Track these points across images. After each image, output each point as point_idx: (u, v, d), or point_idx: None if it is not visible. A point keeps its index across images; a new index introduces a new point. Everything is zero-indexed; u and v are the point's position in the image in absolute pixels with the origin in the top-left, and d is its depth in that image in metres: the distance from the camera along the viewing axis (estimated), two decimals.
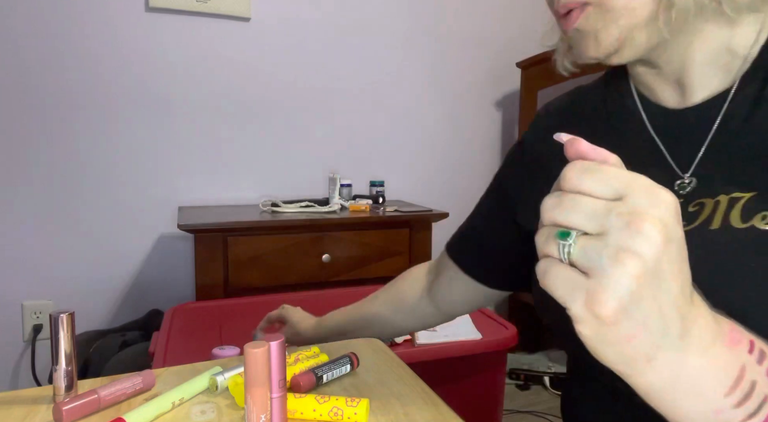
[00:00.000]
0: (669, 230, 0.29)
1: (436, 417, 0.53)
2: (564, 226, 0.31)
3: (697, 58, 0.49)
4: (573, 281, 0.30)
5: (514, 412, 1.89)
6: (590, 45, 0.48)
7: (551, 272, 0.31)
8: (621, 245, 0.28)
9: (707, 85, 0.50)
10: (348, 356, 0.63)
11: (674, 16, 0.45)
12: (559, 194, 0.31)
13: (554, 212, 0.31)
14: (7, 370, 1.84)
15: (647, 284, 0.28)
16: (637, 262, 0.28)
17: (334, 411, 0.52)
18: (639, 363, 0.30)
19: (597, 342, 0.30)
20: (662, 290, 0.29)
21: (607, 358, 0.31)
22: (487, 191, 0.75)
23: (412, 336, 1.28)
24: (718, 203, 0.47)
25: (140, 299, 1.94)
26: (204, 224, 1.60)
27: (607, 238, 0.29)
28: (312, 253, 1.73)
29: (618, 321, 0.29)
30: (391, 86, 2.25)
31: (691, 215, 0.48)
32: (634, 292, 0.28)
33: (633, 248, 0.28)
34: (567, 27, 0.49)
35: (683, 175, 0.51)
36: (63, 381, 0.54)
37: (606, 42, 0.47)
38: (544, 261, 0.31)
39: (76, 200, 1.86)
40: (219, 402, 0.56)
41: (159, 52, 1.91)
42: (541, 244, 0.32)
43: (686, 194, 0.50)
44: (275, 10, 2.03)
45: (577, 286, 0.30)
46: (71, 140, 1.83)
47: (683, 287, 0.30)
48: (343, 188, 1.97)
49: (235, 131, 2.03)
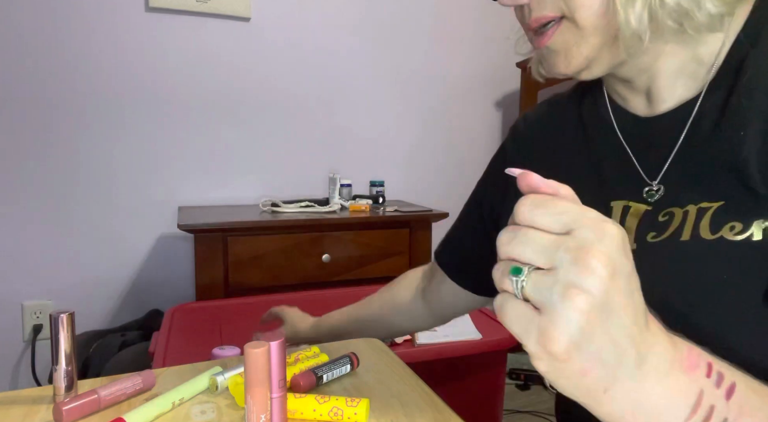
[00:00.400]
0: (615, 263, 0.29)
1: (436, 417, 0.53)
2: (517, 261, 0.31)
3: (664, 70, 0.50)
4: (527, 318, 0.30)
5: (514, 412, 1.89)
6: (560, 62, 0.49)
7: (507, 308, 0.31)
8: (569, 281, 0.29)
9: (675, 93, 0.51)
10: (348, 356, 0.63)
11: (627, 43, 0.46)
12: (513, 229, 0.32)
13: (508, 247, 0.31)
14: (7, 370, 1.84)
15: (597, 319, 0.29)
16: (585, 298, 0.28)
17: (334, 411, 0.52)
18: (597, 394, 0.31)
19: (554, 377, 0.31)
20: (613, 323, 0.29)
21: (566, 391, 0.31)
22: (470, 200, 0.76)
23: (412, 336, 1.28)
24: (687, 213, 0.47)
25: (140, 299, 1.94)
26: (204, 224, 1.60)
27: (557, 274, 0.29)
28: (312, 253, 1.73)
29: (571, 357, 0.29)
30: (391, 86, 2.24)
31: (662, 225, 0.48)
32: (584, 328, 0.29)
33: (580, 284, 0.28)
34: (539, 44, 0.49)
35: (651, 182, 0.51)
36: (63, 381, 0.54)
37: (576, 60, 0.48)
38: (500, 296, 0.32)
39: (76, 200, 1.86)
40: (219, 402, 0.56)
41: (159, 52, 1.91)
42: (497, 279, 0.32)
43: (654, 202, 0.50)
44: (275, 10, 2.03)
45: (531, 322, 0.30)
46: (71, 140, 1.83)
47: (636, 316, 0.30)
48: (343, 188, 1.97)
49: (235, 131, 2.03)
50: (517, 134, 0.69)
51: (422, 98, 2.30)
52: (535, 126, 0.67)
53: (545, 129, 0.64)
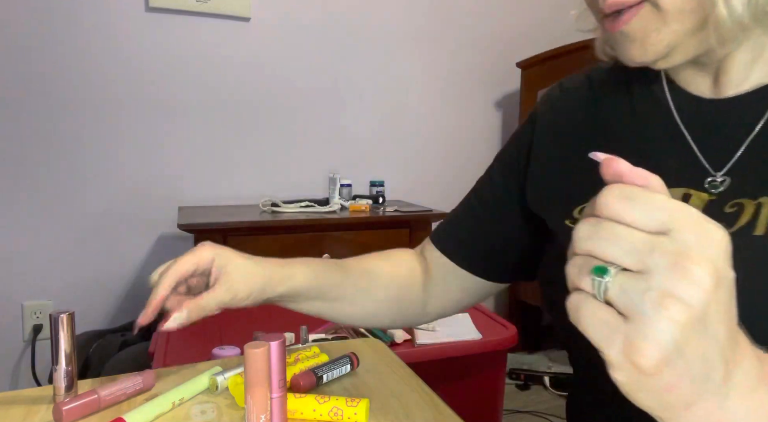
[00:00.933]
0: (720, 272, 0.26)
1: (436, 417, 0.53)
2: (600, 258, 0.28)
3: (740, 55, 0.46)
4: (610, 324, 0.27)
5: (514, 412, 1.89)
6: (635, 50, 0.45)
7: (585, 311, 0.28)
8: (666, 289, 0.26)
9: (750, 77, 0.46)
10: (348, 356, 0.63)
11: (725, 31, 0.42)
12: (595, 222, 0.28)
13: (589, 242, 0.28)
14: (7, 370, 1.84)
15: (692, 332, 0.26)
16: (683, 309, 0.25)
17: (334, 411, 0.52)
18: (678, 410, 0.28)
19: (633, 390, 0.28)
20: (708, 336, 0.26)
21: (643, 404, 0.29)
22: (486, 177, 0.68)
23: (412, 336, 1.28)
24: (761, 205, 0.43)
25: (140, 299, 1.93)
26: (204, 224, 1.60)
27: (650, 279, 0.26)
28: (312, 253, 1.71)
29: (659, 372, 0.27)
30: (391, 86, 2.24)
31: (729, 217, 0.44)
32: (678, 342, 0.26)
33: (679, 293, 0.25)
34: (612, 28, 0.45)
35: (715, 173, 0.46)
36: (63, 381, 0.54)
37: (654, 48, 0.44)
38: (576, 296, 0.29)
39: (76, 200, 1.86)
40: (219, 402, 0.56)
41: (159, 52, 1.90)
42: (573, 276, 0.29)
43: (719, 194, 0.46)
44: (275, 10, 2.03)
45: (615, 329, 0.27)
46: (71, 140, 1.83)
47: (730, 330, 0.28)
48: (343, 188, 1.97)
49: (235, 130, 2.03)
50: (550, 103, 0.62)
51: (422, 98, 2.30)
52: (573, 97, 0.60)
53: (584, 102, 0.58)
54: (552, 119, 0.60)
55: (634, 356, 0.26)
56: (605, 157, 0.29)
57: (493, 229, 0.65)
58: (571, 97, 0.60)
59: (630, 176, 0.28)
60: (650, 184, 0.28)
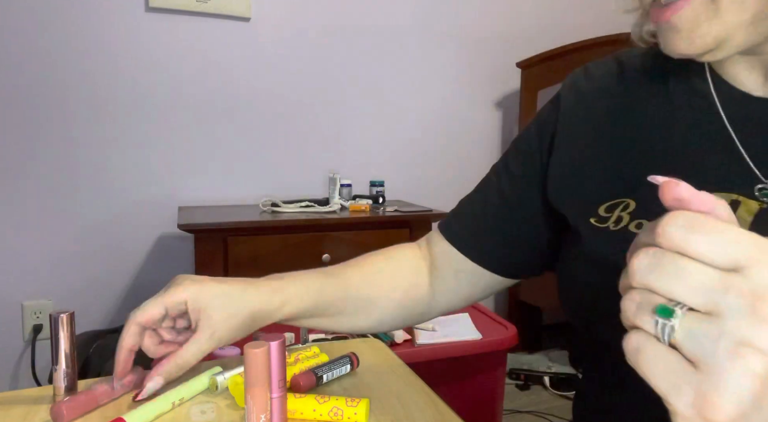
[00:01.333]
0: None
1: (436, 417, 0.53)
2: (663, 296, 0.25)
3: None
4: (678, 372, 0.24)
5: (514, 412, 1.89)
6: (680, 41, 0.42)
7: (648, 354, 0.25)
8: (742, 336, 0.23)
9: None
10: (348, 356, 0.63)
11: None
12: (657, 254, 0.25)
13: (651, 277, 0.25)
14: (7, 370, 1.84)
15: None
16: (761, 359, 0.23)
17: (334, 411, 0.52)
18: None
19: None
20: None
21: None
22: (501, 166, 0.63)
23: (412, 336, 1.28)
24: None
25: (140, 299, 1.92)
26: (204, 224, 1.60)
27: (724, 323, 0.23)
28: (312, 253, 1.73)
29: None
30: (391, 86, 2.24)
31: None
32: (756, 396, 0.23)
33: (758, 341, 0.23)
34: (660, 18, 0.42)
35: (766, 180, 0.43)
36: (63, 381, 0.54)
37: (701, 40, 0.41)
38: (636, 337, 0.26)
39: (76, 200, 1.86)
40: (219, 402, 0.56)
41: (159, 52, 1.91)
42: (630, 313, 0.26)
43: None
44: (275, 10, 2.03)
45: (684, 379, 0.24)
46: (71, 140, 1.83)
47: None
48: (343, 188, 1.97)
49: (235, 130, 2.03)
50: (576, 88, 0.57)
51: (422, 98, 2.30)
52: (601, 83, 0.55)
53: (614, 90, 0.54)
54: (578, 106, 0.56)
55: (707, 411, 0.23)
56: (665, 180, 0.26)
57: (508, 222, 0.61)
58: (599, 83, 0.55)
59: (695, 202, 0.25)
60: (717, 212, 0.25)
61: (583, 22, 2.36)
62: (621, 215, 0.48)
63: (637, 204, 0.48)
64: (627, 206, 0.49)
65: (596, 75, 0.56)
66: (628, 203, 0.49)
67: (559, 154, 0.56)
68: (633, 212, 0.48)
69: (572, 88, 0.57)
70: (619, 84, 0.54)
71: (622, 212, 0.48)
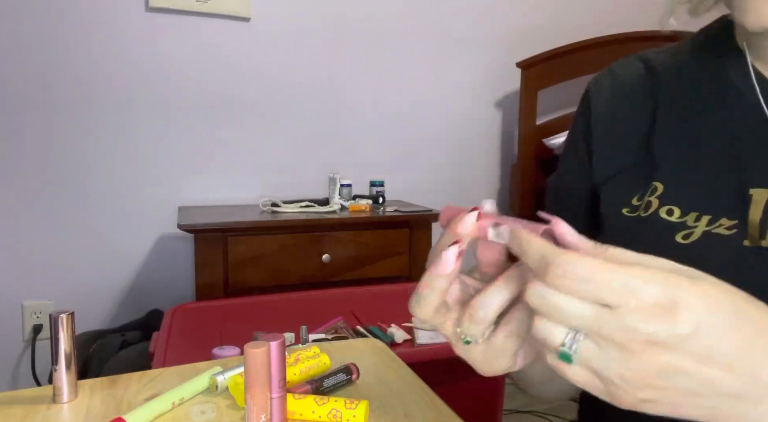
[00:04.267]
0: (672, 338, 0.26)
1: (436, 417, 0.53)
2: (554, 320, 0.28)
3: None
4: (590, 384, 0.29)
5: (514, 412, 1.89)
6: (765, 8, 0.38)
7: (565, 370, 0.29)
8: (618, 364, 0.27)
9: None
10: (348, 367, 0.61)
11: None
12: (543, 290, 0.28)
13: (542, 306, 0.28)
14: (7, 370, 1.84)
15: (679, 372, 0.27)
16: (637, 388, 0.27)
17: (333, 413, 0.52)
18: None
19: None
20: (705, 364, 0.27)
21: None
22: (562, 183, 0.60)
23: (412, 335, 1.28)
24: None
25: (140, 299, 1.94)
26: (204, 224, 1.60)
27: (608, 353, 0.27)
28: (312, 253, 1.73)
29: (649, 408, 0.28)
30: (391, 86, 2.24)
31: None
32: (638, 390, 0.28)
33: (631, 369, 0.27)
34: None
35: None
36: (63, 381, 0.54)
37: None
38: (551, 358, 0.30)
39: (76, 200, 1.86)
40: (219, 402, 0.56)
41: (159, 52, 1.90)
42: (542, 338, 0.29)
43: None
44: (275, 10, 2.03)
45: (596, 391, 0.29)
46: (71, 140, 1.83)
47: (738, 344, 0.27)
48: (343, 188, 1.97)
49: (235, 131, 2.03)
50: (603, 90, 0.56)
51: (422, 98, 2.29)
52: (627, 83, 0.54)
53: (642, 89, 0.53)
54: (608, 107, 0.55)
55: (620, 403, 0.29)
56: (554, 218, 0.30)
57: None
58: (627, 81, 0.55)
59: (573, 244, 0.29)
60: (592, 253, 0.29)
61: (583, 22, 2.36)
62: (650, 200, 0.49)
63: (664, 187, 0.48)
64: (655, 189, 0.49)
65: (622, 74, 0.56)
66: (656, 187, 0.49)
67: (598, 157, 0.55)
68: (661, 196, 0.48)
69: (600, 91, 0.57)
70: (648, 82, 0.53)
71: (650, 197, 0.49)
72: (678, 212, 0.46)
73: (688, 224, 0.46)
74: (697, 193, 0.46)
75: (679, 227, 0.46)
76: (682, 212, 0.46)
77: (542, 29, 2.37)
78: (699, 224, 0.45)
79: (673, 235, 0.46)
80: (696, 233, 0.45)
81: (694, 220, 0.45)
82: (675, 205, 0.47)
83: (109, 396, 0.56)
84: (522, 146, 2.27)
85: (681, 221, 0.46)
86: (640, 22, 2.14)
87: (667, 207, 0.47)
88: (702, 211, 0.45)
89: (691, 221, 0.45)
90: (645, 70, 0.54)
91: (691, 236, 0.45)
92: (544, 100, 2.29)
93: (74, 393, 0.55)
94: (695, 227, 0.45)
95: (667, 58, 0.54)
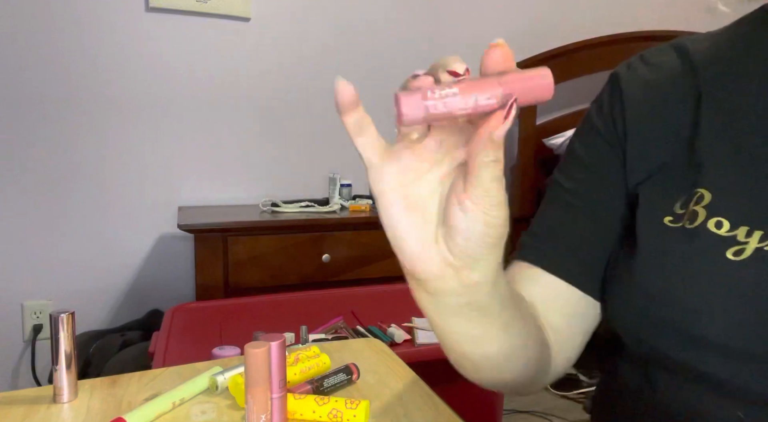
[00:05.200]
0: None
1: (436, 417, 0.53)
2: None
3: None
4: None
5: (514, 412, 1.89)
6: None
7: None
8: None
9: None
10: (348, 367, 0.62)
11: None
12: None
13: None
14: (7, 370, 1.84)
15: None
16: None
17: (333, 413, 0.52)
18: None
19: None
20: None
21: None
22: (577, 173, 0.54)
23: (412, 335, 1.28)
24: None
25: (140, 299, 1.94)
26: (204, 224, 1.60)
27: None
28: (312, 253, 1.73)
29: None
30: (390, 86, 2.24)
31: None
32: None
33: None
34: None
35: None
36: (63, 381, 0.54)
37: None
38: None
39: (76, 200, 1.86)
40: (219, 402, 0.56)
41: (159, 52, 1.90)
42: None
43: None
44: (275, 10, 2.03)
45: None
46: (71, 140, 1.83)
47: None
48: (343, 188, 1.97)
49: (235, 131, 2.03)
50: (638, 75, 0.52)
51: None
52: (663, 70, 0.51)
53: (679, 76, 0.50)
54: (644, 94, 0.51)
55: None
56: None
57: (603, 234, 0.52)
58: (661, 72, 0.51)
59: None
60: None
61: (583, 22, 2.36)
62: (695, 209, 0.44)
63: (712, 196, 0.44)
64: (702, 197, 0.44)
65: (658, 62, 0.52)
66: (702, 195, 0.44)
67: (633, 147, 0.50)
68: (708, 206, 0.44)
69: (633, 76, 0.52)
70: (685, 70, 0.49)
71: (695, 206, 0.44)
72: (727, 225, 0.42)
73: (738, 239, 0.42)
74: (748, 204, 0.42)
75: (729, 242, 0.42)
76: (732, 225, 0.42)
77: (542, 29, 2.37)
78: (750, 240, 0.41)
79: (724, 251, 0.42)
80: (747, 250, 0.41)
81: (745, 235, 0.42)
82: (724, 217, 0.43)
83: (109, 396, 0.56)
84: (522, 146, 2.27)
85: (731, 235, 0.42)
86: (640, 22, 2.15)
87: (716, 219, 0.43)
88: (753, 225, 0.41)
89: (742, 236, 0.42)
90: (682, 61, 0.50)
91: (743, 253, 0.41)
92: None
93: (74, 393, 0.55)
94: (746, 243, 0.41)
95: (706, 44, 0.50)
